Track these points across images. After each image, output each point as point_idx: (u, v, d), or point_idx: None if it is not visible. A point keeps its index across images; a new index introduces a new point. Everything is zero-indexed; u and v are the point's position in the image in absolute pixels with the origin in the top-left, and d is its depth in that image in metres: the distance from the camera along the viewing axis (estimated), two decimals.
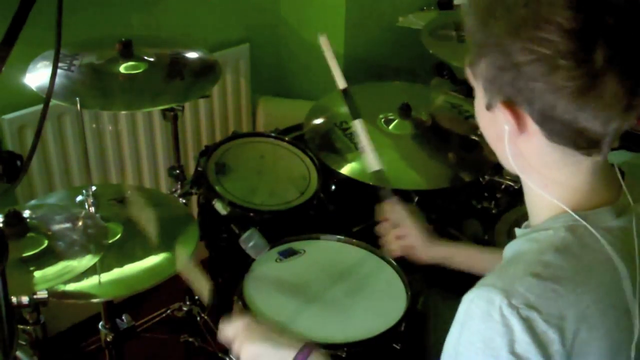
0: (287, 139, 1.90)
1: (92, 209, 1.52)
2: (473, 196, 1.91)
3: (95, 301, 1.40)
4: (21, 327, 1.33)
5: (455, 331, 0.87)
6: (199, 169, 1.78)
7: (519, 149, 0.89)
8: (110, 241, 1.50)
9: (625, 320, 0.88)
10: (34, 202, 1.76)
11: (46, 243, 1.35)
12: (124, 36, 1.72)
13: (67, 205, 1.59)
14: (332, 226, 1.68)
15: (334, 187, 1.84)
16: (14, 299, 1.25)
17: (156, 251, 1.50)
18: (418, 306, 1.46)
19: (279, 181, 1.80)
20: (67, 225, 1.42)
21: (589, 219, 0.87)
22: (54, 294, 1.30)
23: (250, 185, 1.76)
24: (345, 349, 1.31)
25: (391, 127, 1.85)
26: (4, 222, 1.33)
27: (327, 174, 1.80)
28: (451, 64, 2.13)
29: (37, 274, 1.30)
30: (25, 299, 1.26)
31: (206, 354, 2.09)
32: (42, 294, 1.27)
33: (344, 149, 1.78)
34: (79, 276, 1.32)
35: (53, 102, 1.39)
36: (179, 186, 1.94)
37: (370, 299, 1.46)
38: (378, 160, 1.48)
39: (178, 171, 1.94)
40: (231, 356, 1.46)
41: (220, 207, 1.63)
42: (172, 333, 2.17)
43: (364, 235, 1.64)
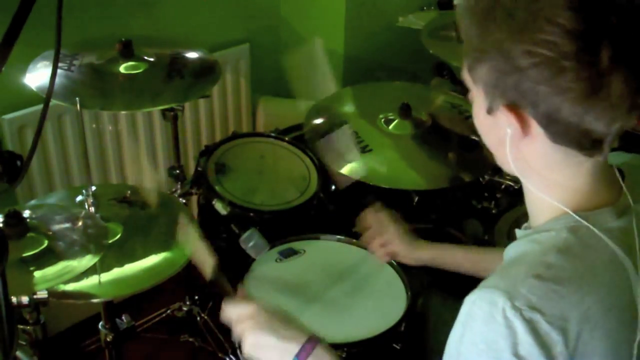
0: (287, 139, 1.91)
1: (92, 209, 1.52)
2: (473, 196, 1.91)
3: (95, 301, 1.40)
4: (21, 327, 1.33)
5: (457, 332, 0.87)
6: (199, 169, 1.78)
7: (521, 152, 0.89)
8: (110, 241, 1.50)
9: (628, 320, 0.88)
10: (34, 202, 1.76)
11: (46, 243, 1.35)
12: (124, 36, 1.72)
13: (67, 205, 1.59)
14: (332, 226, 1.68)
15: (334, 187, 1.84)
16: (14, 299, 1.25)
17: (156, 251, 1.50)
18: (417, 307, 1.46)
19: (279, 181, 1.80)
20: (67, 225, 1.42)
21: (590, 220, 0.87)
22: (54, 294, 1.30)
23: (250, 185, 1.76)
24: (345, 349, 1.31)
25: (391, 127, 1.85)
26: (4, 222, 1.33)
27: (327, 174, 1.79)
28: (451, 64, 2.13)
29: (37, 274, 1.30)
30: (25, 299, 1.26)
31: (206, 354, 2.09)
32: (42, 294, 1.27)
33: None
34: (79, 276, 1.31)
35: (53, 102, 1.39)
36: (179, 186, 1.94)
37: (370, 299, 1.46)
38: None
39: (178, 171, 1.94)
40: (231, 356, 1.46)
41: (220, 207, 1.63)
42: (172, 333, 2.17)
43: None
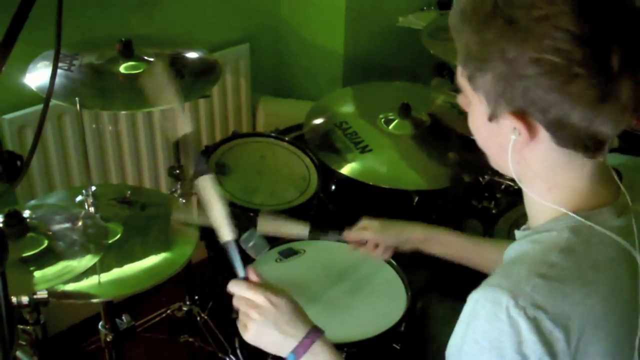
0: (287, 139, 1.91)
1: (92, 209, 1.52)
2: (473, 196, 1.91)
3: (95, 301, 1.40)
4: (21, 327, 1.33)
5: (459, 331, 0.87)
6: (199, 169, 1.77)
7: (523, 157, 0.89)
8: (110, 241, 1.50)
9: (630, 319, 0.88)
10: (34, 202, 1.76)
11: (46, 243, 1.35)
12: (124, 36, 1.72)
13: (67, 205, 1.60)
14: (332, 226, 1.68)
15: (334, 187, 1.84)
16: (14, 299, 1.25)
17: (156, 251, 1.50)
18: (417, 309, 1.46)
19: (279, 181, 1.80)
20: (67, 225, 1.42)
21: (591, 220, 0.87)
22: (54, 294, 1.30)
23: (250, 185, 1.76)
24: (345, 349, 1.31)
25: (391, 127, 1.85)
26: (4, 222, 1.33)
27: (327, 174, 1.79)
28: (451, 64, 2.13)
29: (37, 274, 1.30)
30: (25, 299, 1.26)
31: (206, 354, 2.09)
32: (42, 294, 1.27)
33: (344, 149, 1.78)
34: (79, 276, 1.32)
35: (53, 102, 1.39)
36: (179, 186, 1.94)
37: (370, 299, 1.46)
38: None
39: (178, 171, 1.94)
40: (231, 356, 1.46)
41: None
42: (172, 333, 2.17)
43: None
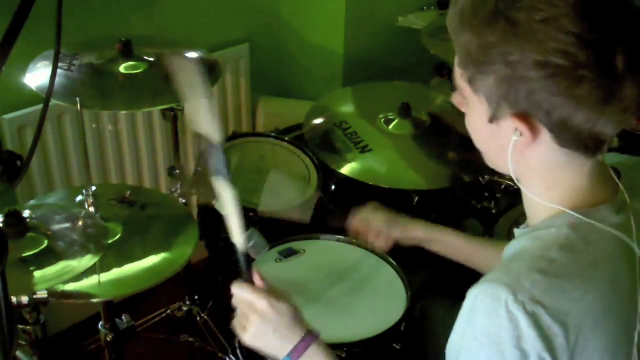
0: (287, 139, 1.90)
1: (92, 209, 1.51)
2: (473, 196, 1.91)
3: (95, 301, 1.40)
4: (21, 327, 1.33)
5: (459, 326, 0.87)
6: (199, 169, 1.78)
7: (524, 157, 0.89)
8: (110, 241, 1.50)
9: (628, 316, 0.88)
10: (34, 202, 1.76)
11: (46, 243, 1.35)
12: (124, 36, 1.72)
13: (67, 205, 1.59)
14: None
15: (334, 187, 1.84)
16: (14, 299, 1.25)
17: (156, 251, 1.50)
18: (417, 310, 1.46)
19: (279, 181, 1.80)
20: (67, 225, 1.42)
21: (590, 217, 0.87)
22: (54, 294, 1.30)
23: (250, 185, 1.76)
24: (345, 349, 1.31)
25: (391, 127, 1.85)
26: (4, 222, 1.33)
27: (327, 174, 1.79)
28: (451, 64, 2.12)
29: (37, 274, 1.30)
30: (25, 299, 1.26)
31: (206, 354, 2.09)
32: (42, 294, 1.27)
33: (344, 149, 1.78)
34: (79, 276, 1.32)
35: (53, 102, 1.39)
36: (179, 186, 1.94)
37: (370, 299, 1.46)
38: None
39: (178, 171, 1.94)
40: (231, 356, 1.46)
41: (220, 207, 1.63)
42: (172, 333, 2.17)
43: None
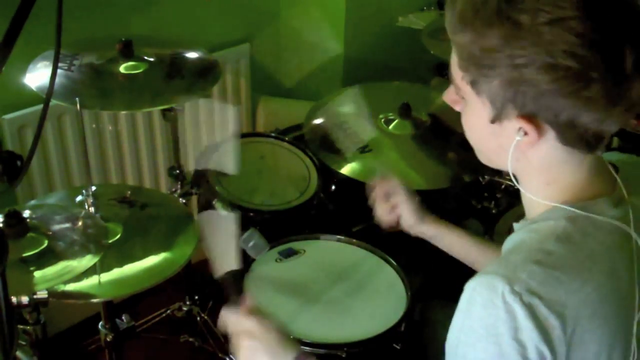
0: (287, 139, 1.90)
1: (92, 209, 1.51)
2: (473, 196, 1.91)
3: (95, 301, 1.40)
4: (21, 327, 1.33)
5: (457, 319, 0.87)
6: (199, 169, 1.78)
7: (524, 155, 0.89)
8: (110, 241, 1.50)
9: (626, 308, 0.88)
10: (34, 202, 1.76)
11: (46, 243, 1.35)
12: (124, 36, 1.72)
13: (67, 205, 1.59)
14: (332, 226, 1.68)
15: (334, 187, 1.84)
16: (14, 299, 1.25)
17: (156, 251, 1.50)
18: (417, 311, 1.46)
19: (279, 181, 1.80)
20: (67, 225, 1.42)
21: (588, 209, 0.88)
22: (54, 294, 1.30)
23: (250, 185, 1.76)
24: (345, 349, 1.31)
25: (391, 127, 1.85)
26: (4, 222, 1.33)
27: (327, 174, 1.79)
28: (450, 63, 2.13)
29: (37, 274, 1.30)
30: (25, 299, 1.26)
31: (206, 354, 2.09)
32: (42, 294, 1.27)
33: (344, 149, 1.78)
34: (79, 276, 1.31)
35: (53, 102, 1.39)
36: (179, 186, 1.94)
37: (370, 299, 1.46)
38: None
39: (178, 171, 1.94)
40: (231, 356, 1.46)
41: (220, 207, 1.63)
42: (172, 333, 2.17)
43: (364, 235, 1.64)
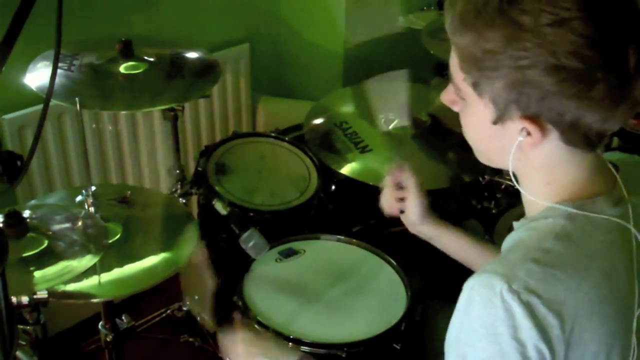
0: (287, 139, 1.90)
1: (92, 209, 1.51)
2: (473, 196, 1.91)
3: (95, 301, 1.40)
4: (21, 327, 1.32)
5: (457, 319, 0.87)
6: (199, 169, 1.78)
7: (526, 155, 0.89)
8: (110, 241, 1.50)
9: (625, 307, 0.88)
10: (34, 202, 1.76)
11: (46, 243, 1.35)
12: (124, 36, 1.72)
13: (67, 205, 1.59)
14: (332, 226, 1.68)
15: (334, 187, 1.84)
16: (14, 299, 1.25)
17: (156, 251, 1.50)
18: (417, 311, 1.46)
19: (279, 181, 1.80)
20: (67, 225, 1.42)
21: (587, 207, 0.88)
22: (54, 294, 1.30)
23: (250, 185, 1.76)
24: (345, 349, 1.31)
25: (391, 127, 1.85)
26: (4, 222, 1.33)
27: (327, 174, 1.79)
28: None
29: (37, 274, 1.29)
30: (25, 299, 1.26)
31: (206, 354, 2.09)
32: (42, 294, 1.27)
33: (344, 149, 1.78)
34: (79, 276, 1.31)
35: (53, 102, 1.39)
36: (179, 186, 1.94)
37: (370, 299, 1.46)
38: None
39: (178, 171, 1.94)
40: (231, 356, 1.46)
41: (220, 207, 1.63)
42: (172, 333, 2.17)
43: (364, 235, 1.64)
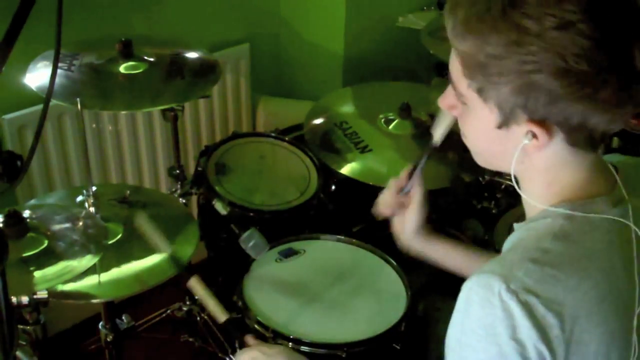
0: (287, 139, 1.90)
1: (92, 209, 1.51)
2: (473, 196, 1.91)
3: (95, 301, 1.40)
4: (21, 327, 1.33)
5: (456, 320, 0.87)
6: (199, 169, 1.78)
7: (529, 157, 0.88)
8: (110, 241, 1.50)
9: (625, 307, 0.88)
10: (34, 202, 1.76)
11: (46, 243, 1.35)
12: (124, 36, 1.72)
13: (67, 205, 1.59)
14: (332, 226, 1.68)
15: (334, 187, 1.84)
16: (14, 299, 1.25)
17: (156, 251, 1.50)
18: (418, 312, 1.46)
19: (279, 181, 1.80)
20: (67, 225, 1.42)
21: (587, 207, 0.88)
22: (54, 294, 1.30)
23: (250, 185, 1.76)
24: (345, 349, 1.31)
25: (391, 127, 1.85)
26: (4, 222, 1.33)
27: (327, 174, 1.79)
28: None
29: (37, 274, 1.30)
30: (25, 299, 1.26)
31: (206, 354, 2.09)
32: (42, 294, 1.27)
33: (344, 149, 1.78)
34: (79, 276, 1.31)
35: (53, 102, 1.39)
36: (179, 186, 1.94)
37: (370, 299, 1.46)
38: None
39: (178, 171, 1.94)
40: (231, 356, 1.47)
41: (220, 207, 1.63)
42: (172, 333, 2.17)
43: (364, 235, 1.64)
